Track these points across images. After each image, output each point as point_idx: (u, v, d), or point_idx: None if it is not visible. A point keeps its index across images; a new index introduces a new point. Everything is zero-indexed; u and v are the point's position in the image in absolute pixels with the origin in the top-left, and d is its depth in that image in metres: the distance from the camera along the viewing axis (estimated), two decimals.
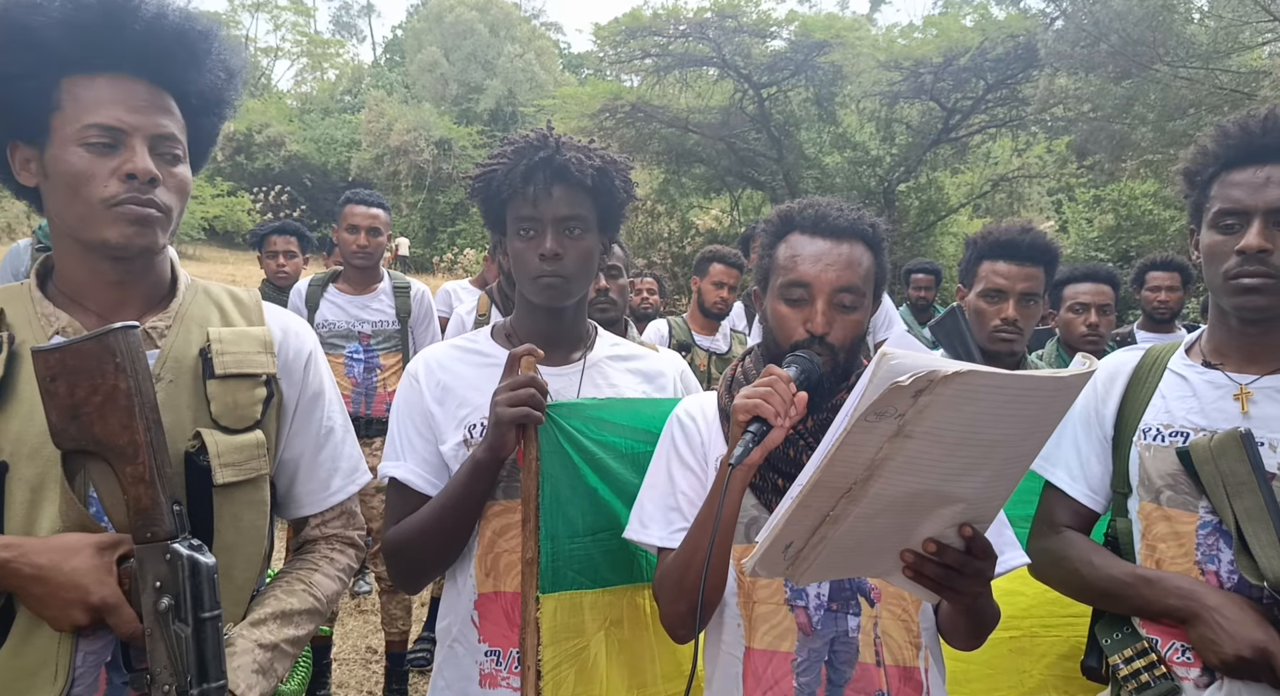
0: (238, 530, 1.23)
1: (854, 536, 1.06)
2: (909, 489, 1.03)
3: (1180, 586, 1.39)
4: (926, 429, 0.95)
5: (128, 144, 1.15)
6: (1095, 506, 1.57)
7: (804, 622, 1.37)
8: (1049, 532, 1.59)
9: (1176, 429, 1.45)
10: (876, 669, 1.36)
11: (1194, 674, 1.39)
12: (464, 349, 1.67)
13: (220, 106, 1.29)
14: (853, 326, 1.36)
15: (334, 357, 3.76)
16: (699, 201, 18.40)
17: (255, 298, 1.35)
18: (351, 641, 4.20)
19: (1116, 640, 1.48)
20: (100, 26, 1.14)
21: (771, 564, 1.09)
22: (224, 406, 1.22)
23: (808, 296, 1.35)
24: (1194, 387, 1.47)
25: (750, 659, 1.38)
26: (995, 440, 1.00)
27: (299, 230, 4.93)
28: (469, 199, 1.66)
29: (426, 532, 1.51)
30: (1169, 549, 1.44)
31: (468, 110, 28.27)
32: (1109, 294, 3.09)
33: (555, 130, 1.60)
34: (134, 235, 1.16)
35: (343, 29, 45.48)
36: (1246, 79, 10.69)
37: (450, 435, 1.57)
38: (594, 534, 1.53)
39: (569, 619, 1.50)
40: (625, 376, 1.69)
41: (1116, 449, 1.53)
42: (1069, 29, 11.58)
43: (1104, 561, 1.50)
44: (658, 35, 15.26)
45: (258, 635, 1.21)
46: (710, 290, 4.28)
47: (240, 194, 22.70)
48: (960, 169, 16.69)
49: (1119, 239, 14.33)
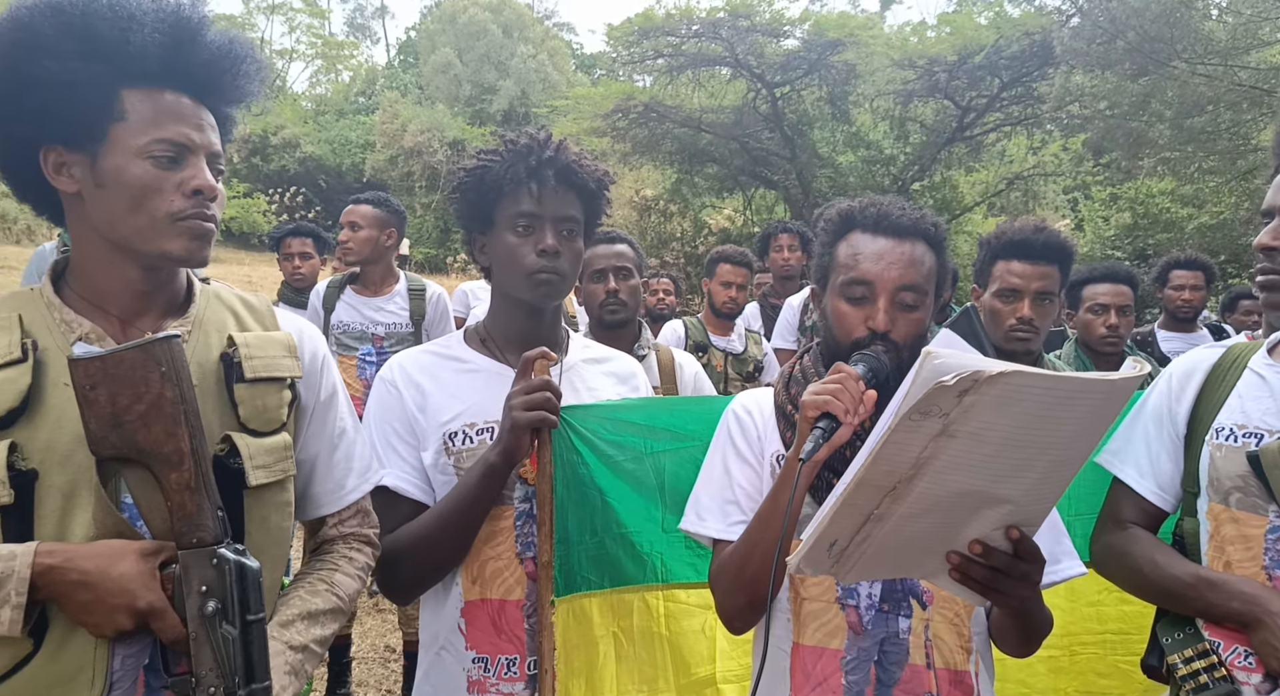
0: (265, 531, 1.25)
1: (899, 536, 1.06)
2: (954, 488, 1.02)
3: (1244, 590, 1.37)
4: (972, 429, 0.94)
5: (191, 160, 1.19)
6: (1164, 505, 1.54)
7: (854, 622, 1.36)
8: (1114, 528, 1.57)
9: (1251, 429, 1.42)
10: (927, 671, 1.35)
11: (1255, 679, 1.37)
12: (439, 355, 1.66)
13: (232, 126, 1.34)
14: (915, 325, 1.35)
15: (348, 359, 3.78)
16: (712, 201, 18.38)
17: (265, 302, 1.37)
18: (370, 640, 4.23)
19: (1178, 639, 1.46)
20: (175, 45, 1.17)
21: (816, 561, 1.08)
22: (253, 410, 1.24)
23: (870, 294, 1.34)
24: (1272, 388, 1.43)
25: (799, 655, 1.38)
26: (1042, 442, 0.99)
27: (315, 232, 4.96)
28: (450, 194, 1.65)
29: (430, 540, 1.50)
30: (1237, 551, 1.42)
31: (481, 111, 28.34)
32: (1128, 294, 3.07)
33: (558, 134, 1.62)
34: (195, 249, 1.20)
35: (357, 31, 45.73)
36: (1266, 75, 10.56)
37: (430, 443, 1.56)
38: (604, 534, 1.54)
39: (579, 621, 1.51)
40: (601, 378, 1.70)
41: (1189, 448, 1.50)
42: (1085, 26, 11.49)
43: (1167, 560, 1.48)
44: (670, 35, 15.25)
45: (288, 636, 1.23)
46: (719, 290, 4.29)
47: (256, 196, 22.86)
48: (975, 167, 16.59)
49: (1136, 237, 14.21)
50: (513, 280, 1.58)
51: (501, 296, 1.65)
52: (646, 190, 17.80)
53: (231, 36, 1.24)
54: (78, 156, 1.17)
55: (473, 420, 1.54)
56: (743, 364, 4.22)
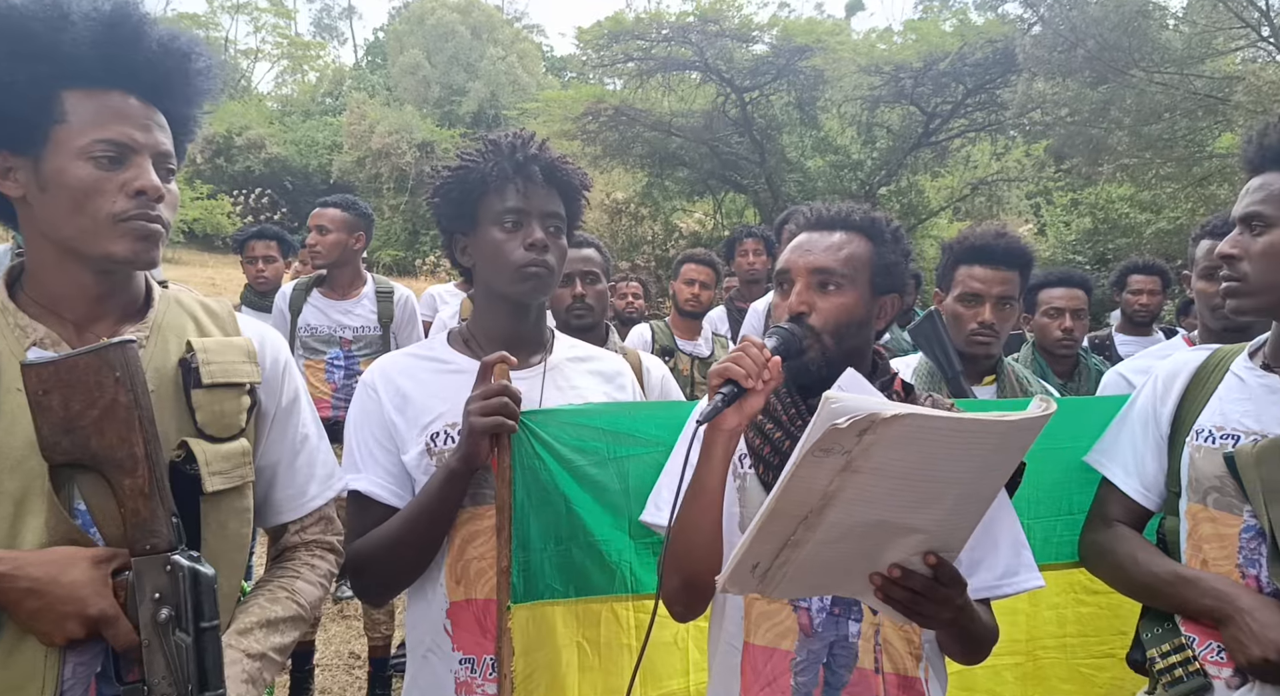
0: (223, 537, 1.24)
1: (818, 559, 1.10)
2: (864, 519, 1.07)
3: (1217, 588, 1.41)
4: (874, 465, 0.99)
5: (135, 161, 1.16)
6: (1148, 503, 1.59)
7: (805, 623, 1.38)
8: (1101, 526, 1.62)
9: (1229, 431, 1.46)
10: (875, 675, 1.37)
11: (1226, 673, 1.41)
12: (421, 357, 1.66)
13: (194, 127, 1.31)
14: (836, 309, 1.37)
15: (315, 362, 3.74)
16: (682, 205, 18.43)
17: (227, 307, 1.36)
18: (334, 647, 4.18)
19: (1156, 634, 1.50)
20: (114, 43, 1.15)
21: (741, 581, 1.13)
22: (210, 415, 1.23)
23: (790, 282, 1.40)
24: (1250, 391, 1.47)
25: (749, 653, 1.40)
26: (945, 478, 1.04)
27: (279, 234, 4.91)
28: (431, 197, 1.65)
29: (397, 544, 1.50)
30: (1213, 550, 1.46)
31: (450, 112, 28.17)
32: (1082, 298, 3.14)
33: (535, 135, 1.62)
34: (141, 251, 1.18)
35: (324, 31, 45.20)
36: (1220, 84, 10.84)
37: (412, 444, 1.56)
38: (570, 541, 1.54)
39: (541, 628, 1.50)
40: (586, 378, 1.70)
41: (1172, 448, 1.55)
42: (1046, 34, 11.71)
43: (1148, 558, 1.52)
44: (640, 39, 15.29)
45: (246, 644, 1.22)
46: (683, 288, 4.32)
47: (220, 197, 22.49)
48: (940, 172, 16.82)
49: (1096, 242, 14.50)
50: (500, 276, 1.57)
51: (486, 296, 1.64)
52: (617, 193, 17.81)
53: (175, 33, 1.21)
54: (22, 160, 1.16)
55: (455, 420, 1.54)
56: (709, 367, 4.24)
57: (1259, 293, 1.43)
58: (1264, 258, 1.41)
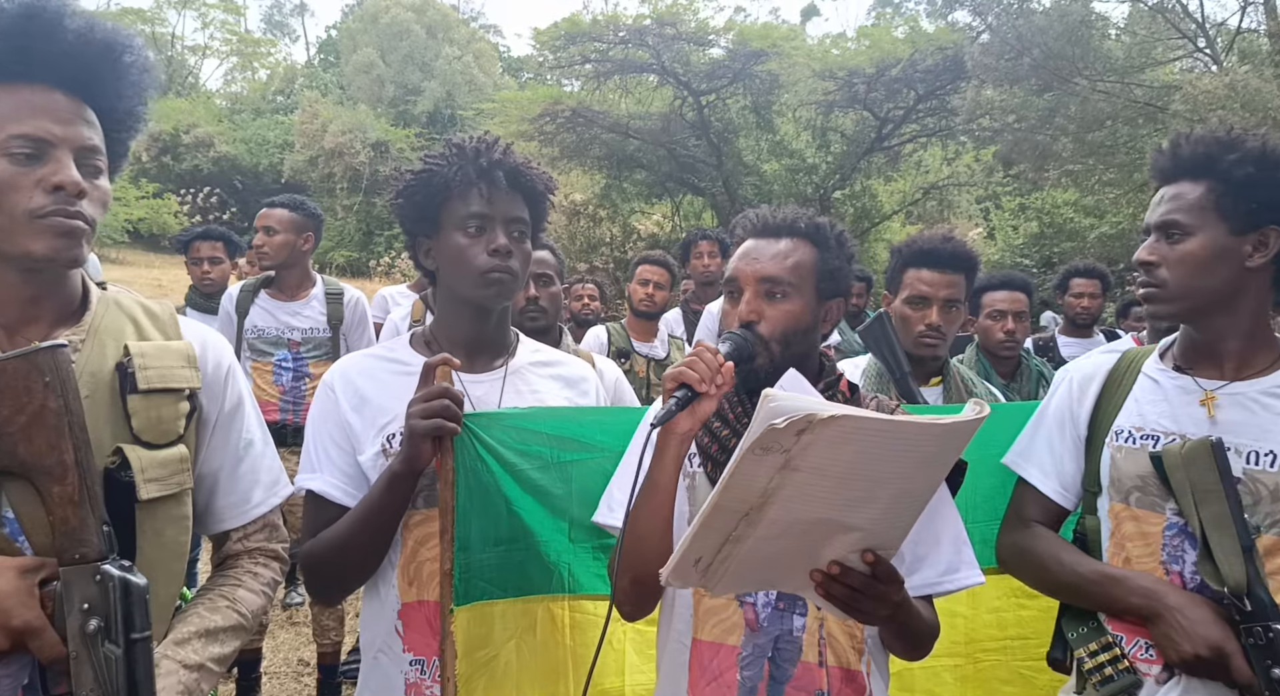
0: (160, 546, 1.21)
1: (759, 554, 1.12)
2: (803, 516, 1.09)
3: (1144, 586, 1.43)
4: (812, 464, 1.02)
5: (53, 155, 1.12)
6: (1066, 503, 1.61)
7: (751, 618, 1.40)
8: (1019, 527, 1.63)
9: (1148, 431, 1.50)
10: (819, 668, 1.39)
11: (1155, 670, 1.43)
12: (382, 358, 1.65)
13: (135, 122, 1.27)
14: (784, 316, 1.39)
15: (262, 364, 3.67)
16: (641, 207, 18.47)
17: (169, 310, 1.32)
18: (283, 654, 4.10)
19: (1082, 634, 1.52)
20: (28, 35, 1.11)
21: (684, 575, 1.15)
22: (146, 421, 1.19)
23: (739, 290, 1.42)
24: (1165, 392, 1.52)
25: (697, 649, 1.41)
26: (881, 477, 1.07)
27: (225, 235, 4.79)
28: (393, 200, 1.64)
29: (345, 545, 1.50)
30: (1136, 548, 1.48)
31: (405, 112, 27.88)
32: (1024, 301, 3.23)
33: (500, 139, 1.62)
34: (62, 248, 1.13)
35: (274, 28, 44.32)
36: (1159, 93, 11.20)
37: (368, 445, 1.56)
38: (510, 543, 1.53)
39: (480, 629, 1.50)
40: (548, 382, 1.70)
41: (1090, 449, 1.57)
42: (994, 42, 12.00)
43: (1072, 558, 1.53)
44: (597, 41, 15.31)
45: (182, 655, 1.19)
46: (637, 289, 4.33)
47: (166, 196, 21.95)
48: (893, 177, 17.12)
49: (1042, 245, 14.87)
50: (463, 281, 1.57)
51: (449, 299, 1.63)
52: (575, 195, 17.78)
53: (93, 23, 1.17)
54: None
55: None
56: (665, 369, 4.25)
57: (1177, 299, 1.47)
58: (1181, 265, 1.46)
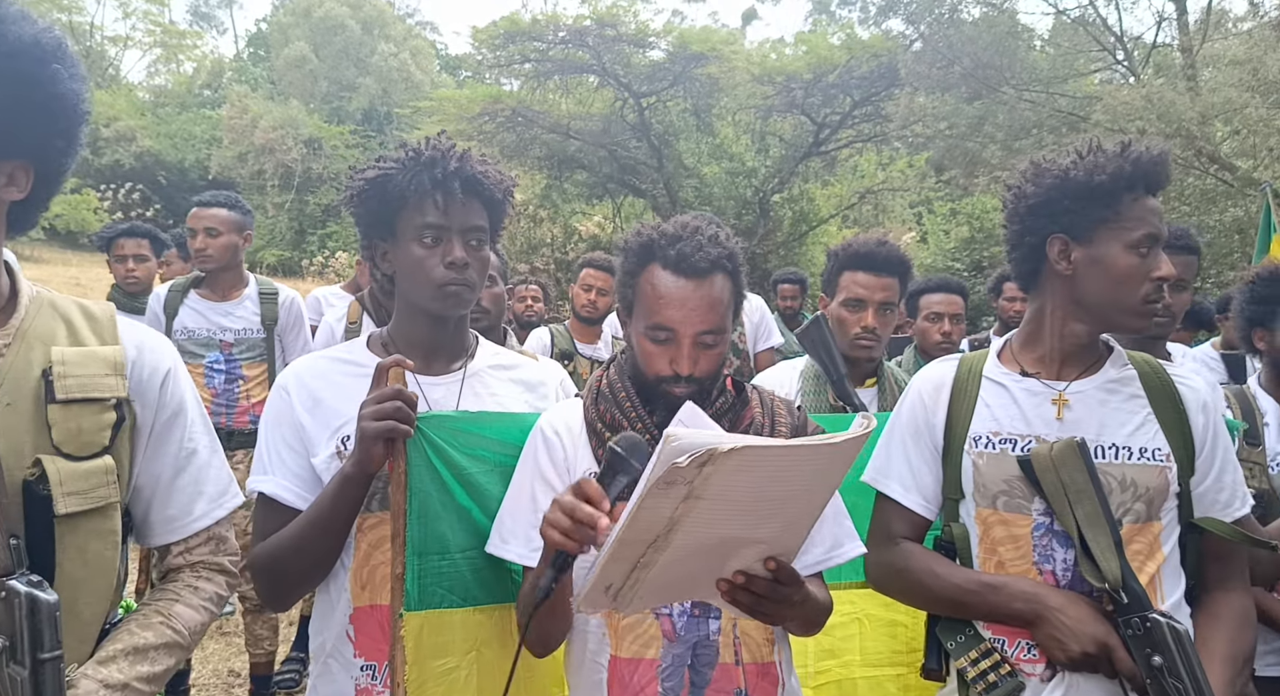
0: (84, 562, 1.15)
1: (668, 574, 1.16)
2: (709, 537, 1.14)
3: (1024, 590, 1.45)
4: (715, 492, 1.06)
5: None
6: (929, 514, 1.62)
7: (668, 629, 1.41)
8: (888, 545, 1.62)
9: (1005, 436, 1.53)
10: (735, 668, 1.41)
11: (1039, 670, 1.46)
12: (337, 359, 1.63)
13: None
14: (716, 359, 1.42)
15: (193, 367, 3.55)
16: (582, 207, 18.45)
17: (109, 312, 1.26)
18: (212, 665, 3.97)
19: (961, 643, 1.52)
20: None
21: (596, 602, 1.18)
22: (66, 433, 1.14)
23: (673, 338, 1.39)
24: (1014, 396, 1.56)
25: (615, 667, 1.41)
26: (781, 497, 1.12)
27: (151, 232, 4.61)
28: (347, 203, 1.61)
29: (295, 549, 1.47)
30: (1008, 551, 1.50)
31: (339, 109, 27.30)
32: (960, 304, 3.34)
33: (421, 136, 1.60)
34: None
35: (201, 20, 42.90)
36: (1082, 103, 11.67)
37: (322, 447, 1.53)
38: (464, 551, 1.51)
39: (436, 637, 1.47)
40: (507, 386, 1.68)
41: (947, 457, 1.58)
42: (926, 51, 12.34)
43: (947, 571, 1.54)
44: (537, 41, 15.24)
45: (104, 674, 1.13)
46: (580, 294, 4.32)
47: (86, 192, 21.08)
48: (830, 181, 17.44)
49: (973, 250, 15.31)
50: (419, 291, 1.55)
51: (406, 305, 1.61)
52: (516, 195, 17.65)
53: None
54: None
55: None
56: None
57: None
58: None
